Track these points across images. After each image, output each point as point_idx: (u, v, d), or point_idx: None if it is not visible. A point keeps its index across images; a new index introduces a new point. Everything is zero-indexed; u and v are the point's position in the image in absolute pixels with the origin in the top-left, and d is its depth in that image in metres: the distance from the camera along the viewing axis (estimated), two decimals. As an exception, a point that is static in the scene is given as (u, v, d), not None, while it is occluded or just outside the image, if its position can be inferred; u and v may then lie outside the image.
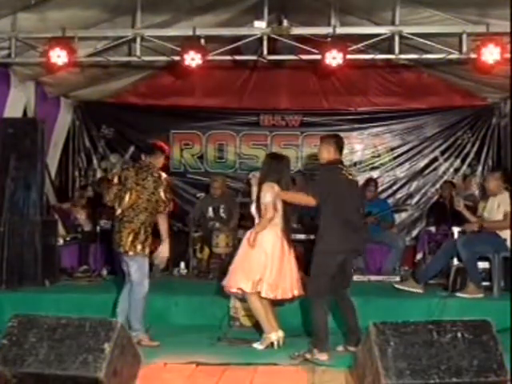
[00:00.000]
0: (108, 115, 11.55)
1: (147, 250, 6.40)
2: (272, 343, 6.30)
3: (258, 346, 6.30)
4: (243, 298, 6.60)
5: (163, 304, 7.59)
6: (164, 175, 6.46)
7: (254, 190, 6.56)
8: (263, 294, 6.25)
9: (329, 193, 6.09)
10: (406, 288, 7.92)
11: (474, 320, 4.84)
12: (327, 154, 6.30)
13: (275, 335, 6.31)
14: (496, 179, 7.94)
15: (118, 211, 6.41)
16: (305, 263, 8.62)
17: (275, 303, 6.53)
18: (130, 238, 6.29)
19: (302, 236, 8.77)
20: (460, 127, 11.17)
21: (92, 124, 11.56)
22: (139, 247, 6.31)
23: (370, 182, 10.08)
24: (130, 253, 6.30)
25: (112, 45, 8.25)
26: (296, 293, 6.39)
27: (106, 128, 11.52)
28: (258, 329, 6.61)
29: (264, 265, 6.24)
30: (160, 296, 7.76)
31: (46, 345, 4.83)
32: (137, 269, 6.36)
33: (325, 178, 6.33)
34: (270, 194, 6.29)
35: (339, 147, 6.38)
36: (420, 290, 7.81)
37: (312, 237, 8.74)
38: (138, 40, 7.92)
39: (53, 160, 10.45)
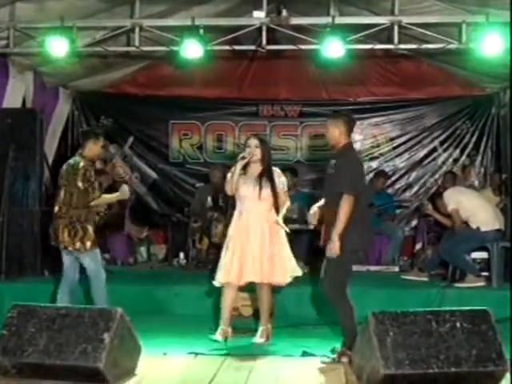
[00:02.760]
0: (107, 105, 11.52)
1: (89, 245, 6.20)
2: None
3: (258, 340, 6.20)
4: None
5: (162, 294, 7.61)
6: (82, 163, 6.25)
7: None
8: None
9: (361, 183, 5.65)
10: (413, 278, 8.05)
11: (473, 310, 4.86)
12: (339, 134, 5.64)
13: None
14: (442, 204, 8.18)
15: (55, 208, 6.33)
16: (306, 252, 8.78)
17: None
18: (66, 234, 6.20)
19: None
20: (459, 117, 11.16)
21: (91, 114, 11.52)
22: (78, 244, 6.18)
23: (382, 174, 10.22)
24: (70, 248, 6.21)
25: (111, 35, 8.22)
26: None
27: (104, 118, 11.49)
28: (256, 318, 6.61)
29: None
30: (159, 286, 7.80)
31: (45, 335, 4.84)
32: (89, 262, 6.28)
33: (356, 166, 5.69)
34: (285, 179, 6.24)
35: (350, 129, 5.73)
36: (425, 279, 8.06)
37: (309, 227, 8.82)
38: (137, 30, 7.89)
39: (50, 149, 10.42)
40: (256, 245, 6.02)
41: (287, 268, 6.12)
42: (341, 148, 5.66)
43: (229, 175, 6.19)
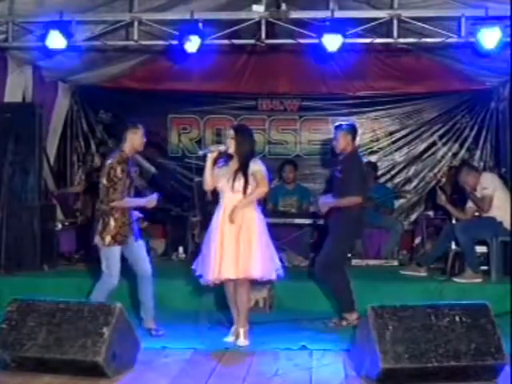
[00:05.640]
0: (106, 100, 11.48)
1: (107, 240, 6.03)
2: None
3: (243, 342, 5.92)
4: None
5: (161, 288, 7.58)
6: (110, 161, 6.02)
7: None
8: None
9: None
10: (411, 273, 8.03)
11: (472, 304, 4.87)
12: (346, 143, 6.60)
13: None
14: (471, 175, 8.07)
15: None
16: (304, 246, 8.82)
17: None
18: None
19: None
20: (458, 111, 11.12)
21: (90, 109, 11.50)
22: (97, 238, 6.12)
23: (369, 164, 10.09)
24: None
25: (110, 29, 8.20)
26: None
27: (103, 113, 11.46)
28: (257, 309, 6.62)
29: None
30: (158, 281, 7.76)
31: (44, 329, 4.85)
32: (102, 258, 6.17)
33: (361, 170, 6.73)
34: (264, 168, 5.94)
35: (355, 136, 6.78)
36: (424, 274, 8.02)
37: (308, 221, 8.87)
38: (136, 24, 7.87)
39: (52, 145, 10.43)
40: (232, 242, 5.77)
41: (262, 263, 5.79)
42: (348, 154, 6.61)
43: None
